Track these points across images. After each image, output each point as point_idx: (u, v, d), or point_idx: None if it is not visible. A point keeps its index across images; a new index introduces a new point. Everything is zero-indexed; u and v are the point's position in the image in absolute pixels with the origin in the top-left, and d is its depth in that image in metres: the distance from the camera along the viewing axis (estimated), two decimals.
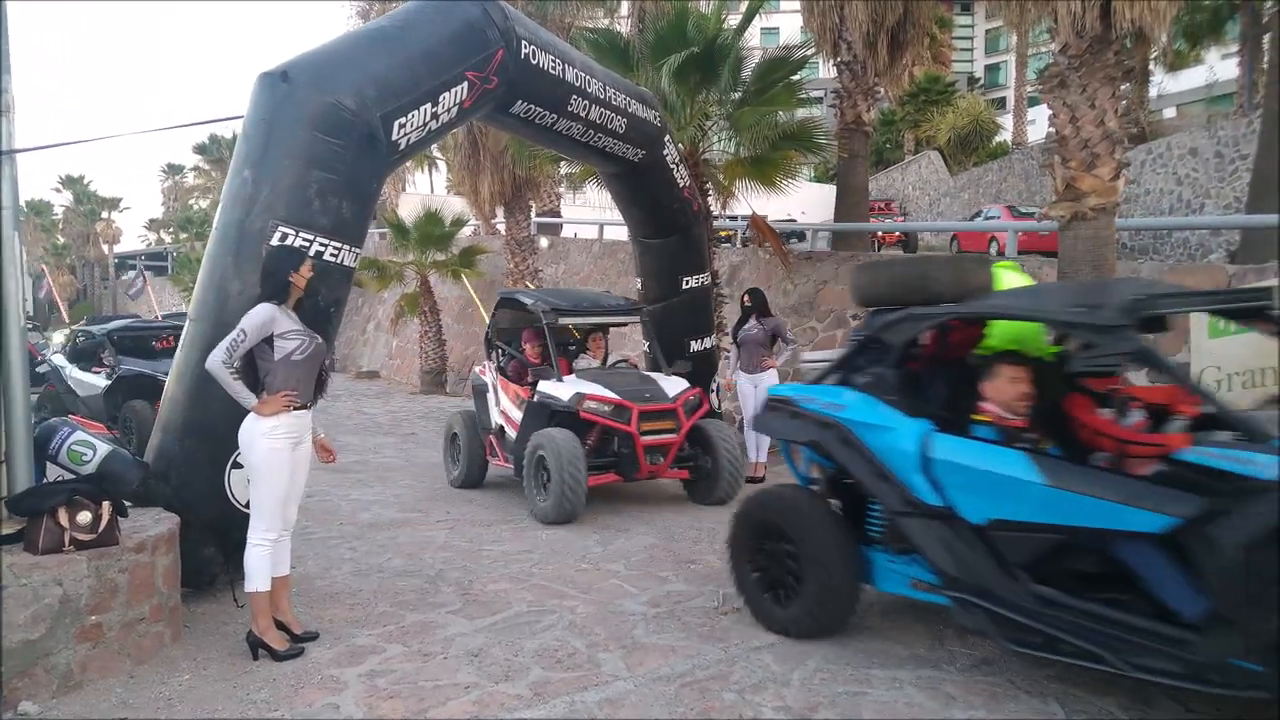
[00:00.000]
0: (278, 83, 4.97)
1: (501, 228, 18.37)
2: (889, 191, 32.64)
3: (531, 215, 17.38)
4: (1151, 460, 3.33)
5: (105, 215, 57.01)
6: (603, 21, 15.63)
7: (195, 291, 5.02)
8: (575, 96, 7.05)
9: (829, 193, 22.58)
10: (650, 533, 6.52)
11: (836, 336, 10.53)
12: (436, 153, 26.80)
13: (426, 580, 5.39)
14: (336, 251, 5.00)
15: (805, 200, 14.52)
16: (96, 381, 11.05)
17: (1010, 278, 4.57)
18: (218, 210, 5.06)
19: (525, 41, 6.42)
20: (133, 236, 62.58)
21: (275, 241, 4.71)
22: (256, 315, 4.03)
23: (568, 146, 7.82)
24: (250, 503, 4.19)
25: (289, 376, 4.08)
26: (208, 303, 4.84)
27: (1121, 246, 15.00)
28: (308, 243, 4.83)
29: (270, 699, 3.70)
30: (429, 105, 5.58)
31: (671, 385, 7.46)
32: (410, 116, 5.45)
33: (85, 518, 3.85)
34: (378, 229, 24.21)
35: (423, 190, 34.12)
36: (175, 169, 59.03)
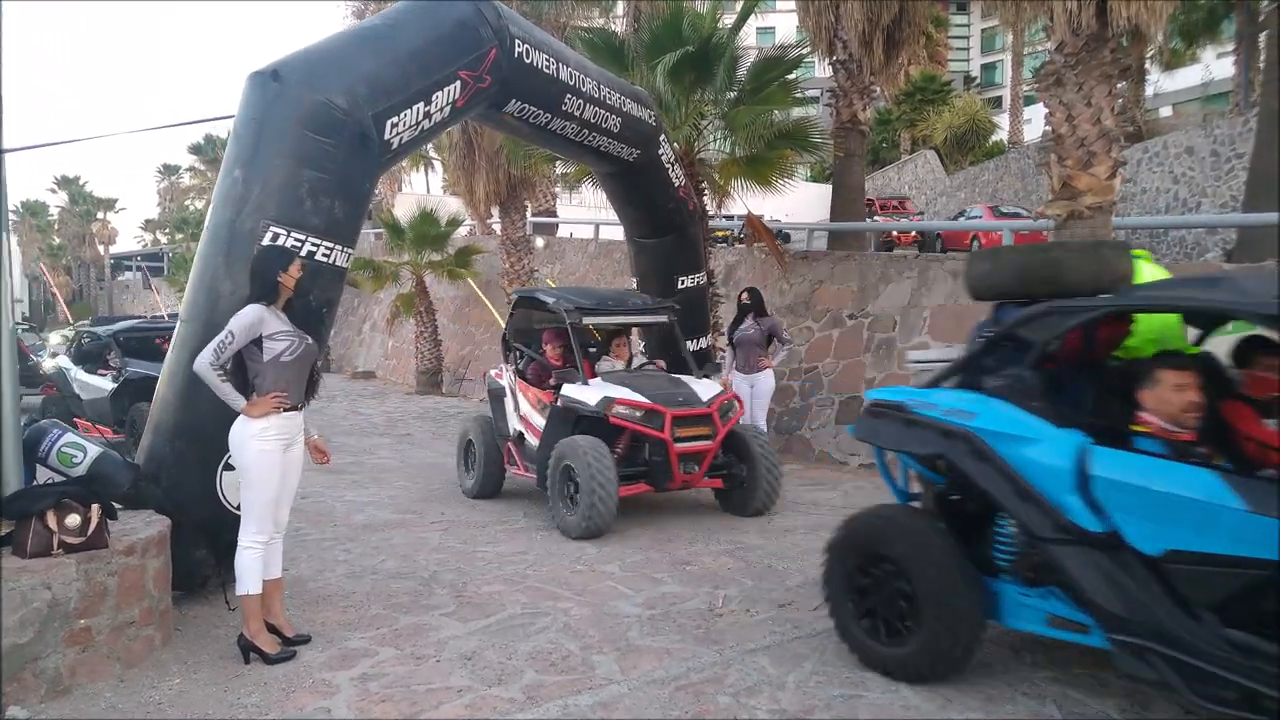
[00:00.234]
0: (268, 82, 4.93)
1: (497, 228, 18.33)
2: (885, 191, 32.62)
3: (527, 215, 17.34)
4: None
5: (101, 216, 57.04)
6: (598, 21, 15.66)
7: (186, 292, 4.98)
8: (570, 95, 7.02)
9: (821, 192, 22.60)
10: (645, 534, 6.48)
11: (832, 336, 10.51)
12: (432, 152, 26.74)
13: (420, 582, 5.37)
14: (329, 252, 4.97)
15: (797, 200, 14.45)
16: (102, 384, 10.85)
17: (1147, 269, 4.18)
18: (209, 210, 5.03)
19: (519, 40, 6.39)
20: (128, 237, 62.74)
21: (266, 241, 4.67)
22: (245, 316, 4.00)
23: (563, 146, 7.79)
24: (241, 505, 4.17)
25: (278, 378, 4.05)
26: (198, 303, 4.81)
27: None
28: (299, 243, 4.79)
29: (262, 703, 3.67)
30: (422, 104, 5.55)
31: (705, 389, 6.92)
32: (403, 115, 5.42)
33: (74, 520, 3.81)
34: (373, 229, 24.23)
35: (418, 190, 34.12)
36: (171, 169, 59.11)
